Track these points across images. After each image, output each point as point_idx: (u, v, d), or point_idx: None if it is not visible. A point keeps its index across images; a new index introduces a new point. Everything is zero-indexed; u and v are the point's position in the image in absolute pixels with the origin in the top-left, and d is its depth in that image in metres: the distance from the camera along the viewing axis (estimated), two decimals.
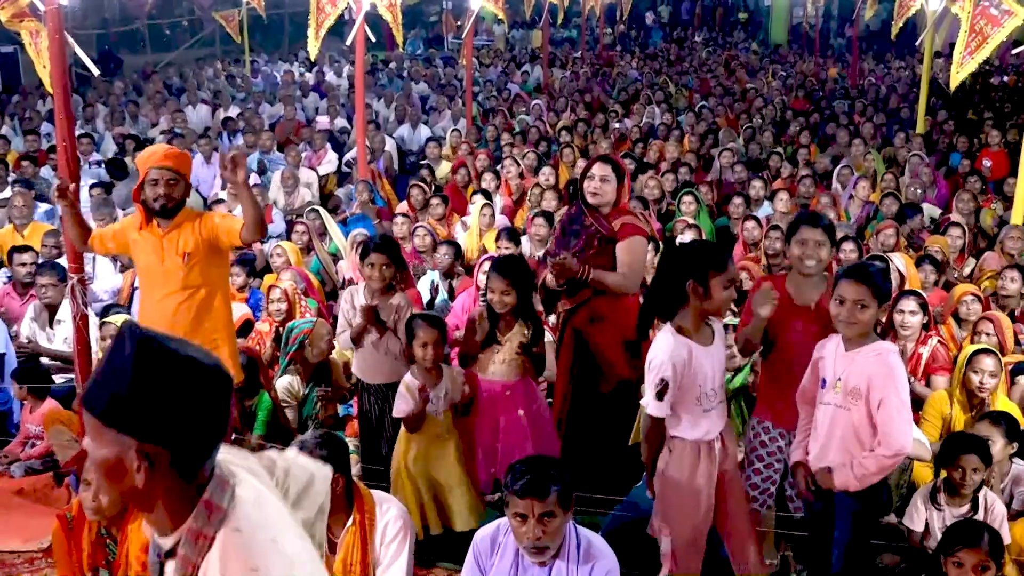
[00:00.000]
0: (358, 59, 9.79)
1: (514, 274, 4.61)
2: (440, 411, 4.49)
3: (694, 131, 13.28)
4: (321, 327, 5.77)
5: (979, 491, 4.30)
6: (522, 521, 3.20)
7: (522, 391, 4.70)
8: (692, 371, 3.64)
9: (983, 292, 6.71)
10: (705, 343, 3.68)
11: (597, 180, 4.77)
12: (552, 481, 3.19)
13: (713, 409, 3.74)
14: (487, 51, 23.57)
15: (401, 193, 10.74)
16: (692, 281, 3.59)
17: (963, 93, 16.59)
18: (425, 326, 4.48)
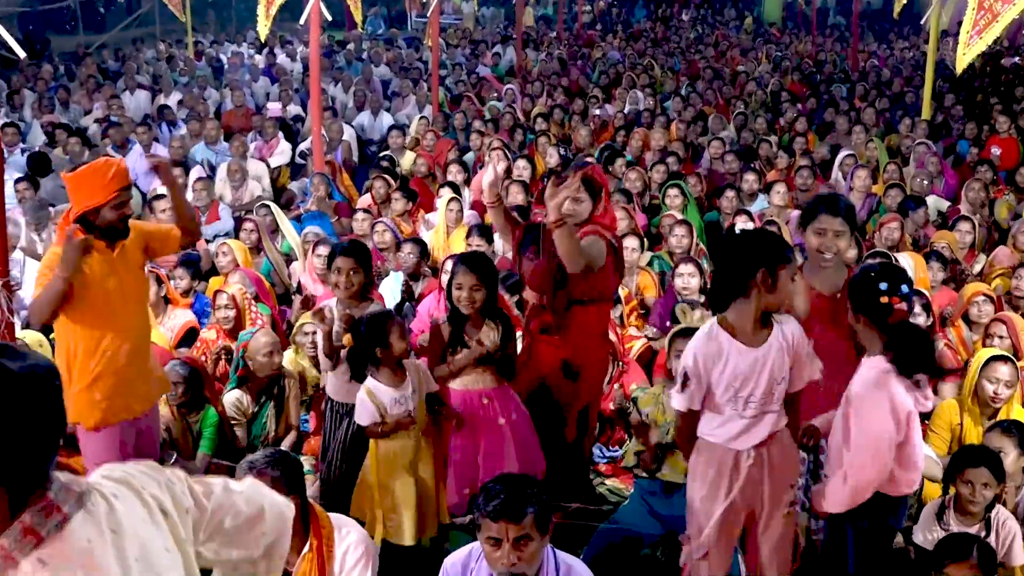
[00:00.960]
0: (313, 40, 9.75)
1: (483, 269, 4.60)
2: (413, 410, 4.47)
3: (681, 118, 13.33)
4: (261, 337, 5.72)
5: (991, 509, 4.32)
6: (496, 546, 3.19)
7: (502, 398, 4.69)
8: (725, 370, 3.61)
9: (995, 291, 6.77)
10: (753, 343, 3.62)
11: (570, 201, 4.76)
12: (528, 502, 3.17)
13: (752, 418, 3.67)
14: (455, 31, 23.56)
15: (361, 186, 10.71)
16: (763, 270, 3.56)
17: (971, 76, 16.77)
18: (394, 320, 4.49)
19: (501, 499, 3.17)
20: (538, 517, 3.19)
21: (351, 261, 4.86)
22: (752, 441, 3.70)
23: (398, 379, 4.48)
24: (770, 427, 3.70)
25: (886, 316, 3.59)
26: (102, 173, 4.38)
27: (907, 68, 18.52)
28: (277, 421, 5.74)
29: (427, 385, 4.59)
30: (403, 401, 4.46)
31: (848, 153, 10.66)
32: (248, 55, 19.32)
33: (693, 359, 3.65)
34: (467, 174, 10.09)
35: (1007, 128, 11.94)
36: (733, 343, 3.61)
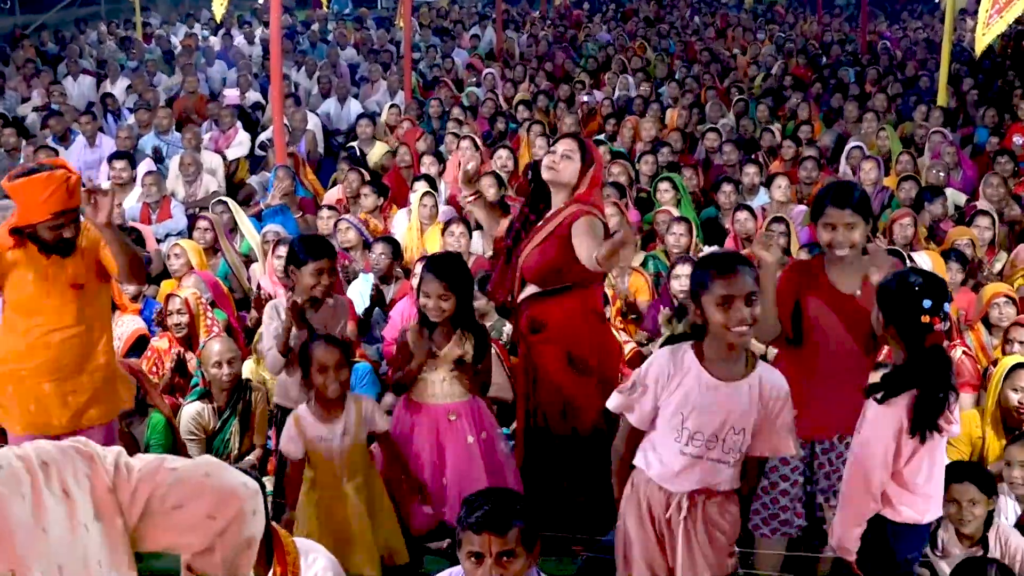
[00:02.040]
0: (273, 20, 9.72)
1: (451, 275, 4.60)
2: (337, 454, 4.46)
3: (677, 105, 13.36)
4: (214, 345, 5.71)
5: (989, 527, 4.34)
6: (477, 562, 3.19)
7: (470, 414, 4.68)
8: (676, 391, 3.57)
9: (1017, 292, 6.81)
10: (720, 376, 3.55)
11: (558, 155, 4.80)
12: (513, 515, 3.19)
13: (692, 457, 3.59)
14: (429, 10, 23.57)
15: (326, 180, 10.70)
16: (690, 301, 3.58)
17: (991, 59, 16.88)
18: (323, 347, 4.45)
19: (485, 510, 3.18)
20: (524, 533, 3.20)
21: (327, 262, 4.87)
22: (686, 485, 3.63)
23: (330, 414, 4.48)
24: (711, 478, 3.62)
25: (922, 336, 3.53)
26: (41, 190, 4.32)
27: (921, 50, 18.61)
28: (241, 438, 5.74)
29: (370, 424, 4.56)
30: (329, 440, 4.44)
31: (856, 144, 10.69)
32: (202, 37, 19.28)
33: (647, 368, 3.62)
34: (442, 166, 10.09)
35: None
36: (699, 369, 3.55)
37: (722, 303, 3.42)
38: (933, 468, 3.68)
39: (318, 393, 4.46)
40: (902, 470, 3.62)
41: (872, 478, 3.60)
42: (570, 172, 4.80)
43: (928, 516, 3.76)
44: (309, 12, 22.39)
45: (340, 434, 4.47)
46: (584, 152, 4.83)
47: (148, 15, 21.49)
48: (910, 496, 3.66)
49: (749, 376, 3.57)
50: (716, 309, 3.43)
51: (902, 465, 3.60)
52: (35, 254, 4.50)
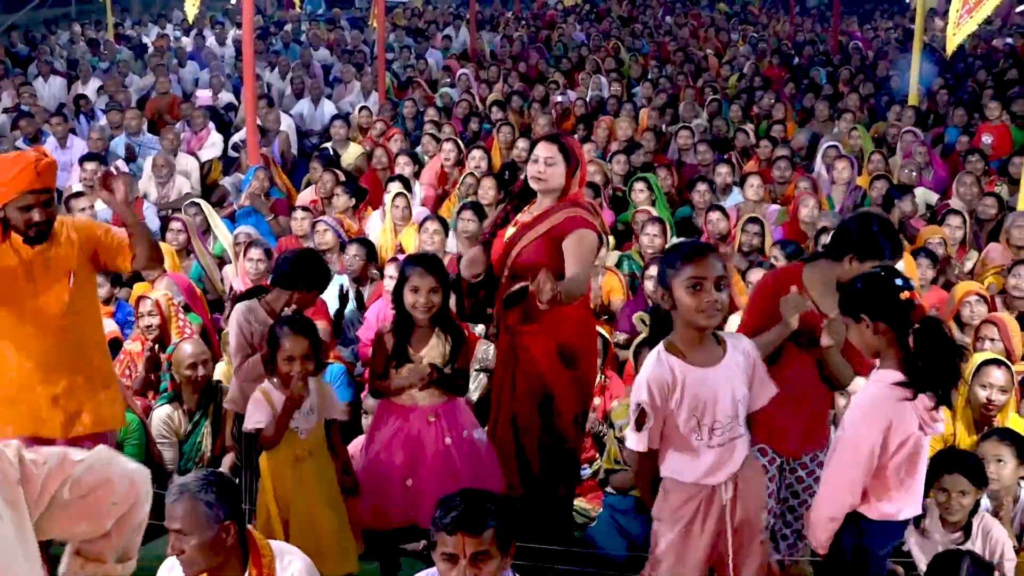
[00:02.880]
0: (246, 20, 9.70)
1: (439, 271, 4.60)
2: (304, 430, 4.46)
3: (651, 105, 13.40)
4: (185, 347, 5.68)
5: (974, 516, 4.40)
6: (451, 564, 3.19)
7: (450, 416, 4.68)
8: (682, 397, 3.55)
9: (988, 290, 6.87)
10: (705, 363, 3.58)
11: (542, 163, 4.77)
12: (488, 516, 3.18)
13: (720, 446, 3.61)
14: (403, 10, 23.54)
15: (299, 181, 10.67)
16: (659, 287, 3.58)
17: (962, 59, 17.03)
18: (292, 335, 4.45)
19: (460, 511, 3.18)
20: (499, 534, 3.19)
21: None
22: (727, 472, 3.65)
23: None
24: (743, 452, 3.68)
25: (909, 315, 3.56)
26: (8, 169, 4.29)
27: (892, 50, 18.74)
28: (213, 440, 5.71)
29: (329, 409, 4.58)
30: (295, 417, 4.45)
31: (831, 144, 10.76)
32: (174, 38, 19.19)
33: (648, 392, 3.57)
34: (417, 166, 10.08)
35: (998, 115, 12.10)
36: (685, 366, 3.56)
37: (691, 287, 3.45)
38: (915, 467, 3.70)
39: (272, 371, 4.44)
40: (887, 465, 3.63)
41: (856, 473, 3.62)
42: (557, 177, 4.79)
43: (904, 514, 3.78)
44: (282, 12, 22.32)
45: (306, 412, 4.47)
46: (567, 154, 4.82)
47: (120, 16, 21.37)
48: (890, 493, 3.68)
49: (727, 354, 3.61)
50: (686, 292, 3.46)
51: (887, 461, 3.61)
52: (19, 245, 4.41)
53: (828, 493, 3.71)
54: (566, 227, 4.71)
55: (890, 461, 3.62)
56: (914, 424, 3.57)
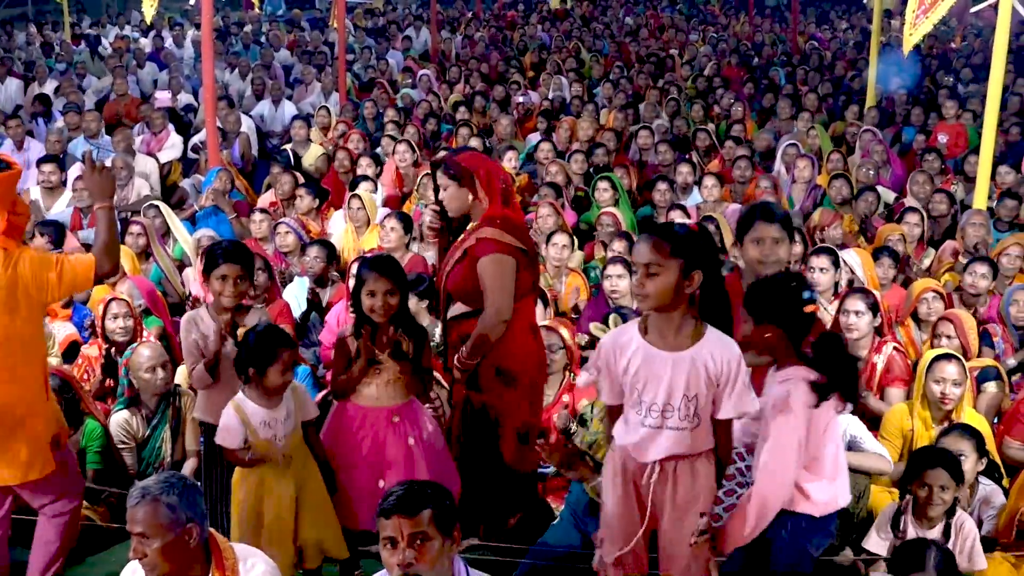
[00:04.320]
0: (205, 21, 9.64)
1: (395, 272, 4.60)
2: (282, 438, 4.45)
3: (612, 105, 13.45)
4: (143, 351, 5.64)
5: (952, 514, 4.46)
6: (393, 548, 3.24)
7: (411, 415, 4.68)
8: (628, 367, 3.64)
9: (944, 287, 6.96)
10: (665, 347, 3.61)
11: (441, 192, 4.87)
12: (424, 499, 3.26)
13: (652, 428, 3.66)
14: (363, 11, 23.48)
15: (261, 183, 10.63)
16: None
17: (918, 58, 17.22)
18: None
19: (397, 496, 3.26)
20: (437, 517, 3.26)
21: (237, 267, 4.81)
22: (653, 455, 3.69)
23: (272, 400, 4.44)
24: (674, 444, 3.68)
25: (808, 328, 3.68)
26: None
27: (850, 50, 18.92)
28: (173, 445, 5.67)
29: (304, 411, 4.56)
30: (273, 425, 4.41)
31: (791, 143, 10.86)
32: (133, 39, 19.05)
33: (597, 353, 3.79)
34: (379, 168, 10.06)
35: (954, 113, 12.27)
36: (641, 342, 3.64)
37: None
38: (839, 452, 3.82)
39: (255, 383, 4.43)
40: (821, 455, 3.71)
41: (788, 467, 3.67)
42: (457, 201, 4.81)
43: (843, 500, 3.87)
44: (242, 13, 22.20)
45: (283, 419, 4.44)
46: (453, 174, 4.82)
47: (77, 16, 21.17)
48: (821, 482, 3.75)
49: (695, 347, 3.60)
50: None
51: (820, 449, 3.69)
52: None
53: (764, 491, 3.70)
54: (479, 250, 4.74)
55: (824, 449, 3.71)
56: (830, 410, 3.70)
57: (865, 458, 5.03)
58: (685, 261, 3.50)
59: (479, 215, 4.82)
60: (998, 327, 6.62)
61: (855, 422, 5.21)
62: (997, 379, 6.05)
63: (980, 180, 7.83)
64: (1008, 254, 7.36)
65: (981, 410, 5.76)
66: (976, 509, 4.92)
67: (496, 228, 4.77)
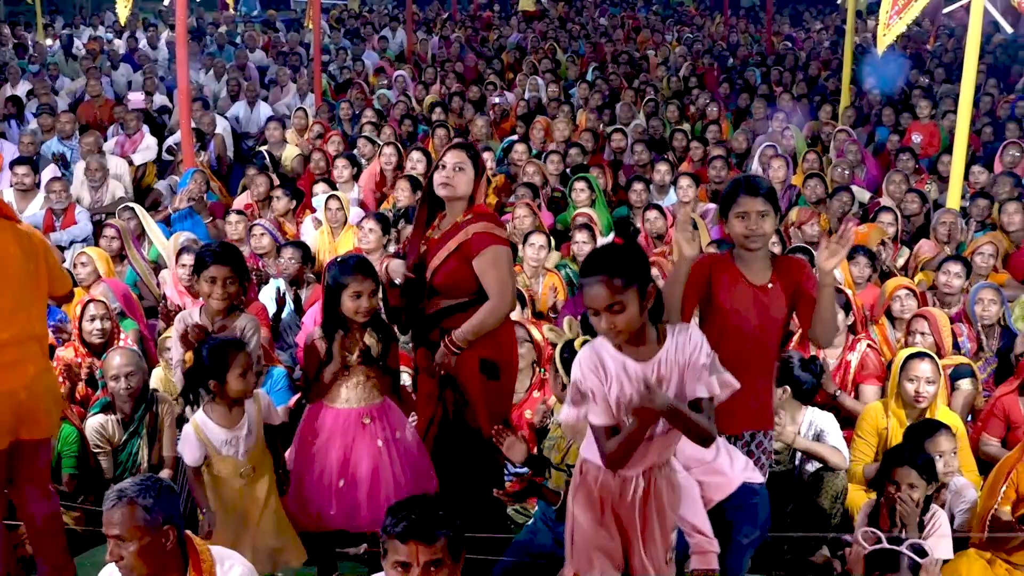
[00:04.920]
0: (179, 22, 9.60)
1: (375, 273, 4.59)
2: (243, 453, 4.43)
3: (587, 106, 13.49)
4: (114, 357, 5.59)
5: (926, 514, 4.49)
6: (404, 572, 3.21)
7: (383, 416, 4.66)
8: (611, 387, 3.56)
9: (918, 286, 7.01)
10: (637, 356, 3.56)
11: (449, 168, 4.76)
12: (440, 524, 3.22)
13: (648, 440, 3.59)
14: (339, 12, 23.44)
15: (236, 184, 10.60)
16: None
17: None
18: (240, 353, 4.40)
19: (412, 519, 3.20)
20: (451, 542, 3.23)
21: (227, 269, 4.81)
22: (640, 465, 3.66)
23: (233, 417, 4.42)
24: (657, 451, 3.66)
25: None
26: None
27: (824, 51, 19.02)
28: (150, 451, 5.63)
29: (268, 418, 4.53)
30: (234, 443, 4.40)
31: (768, 143, 10.92)
32: (107, 40, 18.95)
33: (582, 378, 3.59)
34: (356, 169, 10.05)
35: (927, 113, 12.36)
36: (619, 357, 3.55)
37: (592, 312, 3.46)
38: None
39: (219, 397, 4.41)
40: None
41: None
42: (464, 184, 4.79)
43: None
44: (216, 14, 22.11)
45: (245, 435, 4.42)
46: (476, 161, 4.83)
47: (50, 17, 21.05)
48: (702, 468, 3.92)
49: (664, 348, 3.57)
50: (591, 314, 3.48)
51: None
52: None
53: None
54: (475, 245, 4.72)
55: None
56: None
57: (821, 448, 5.15)
58: (639, 284, 3.42)
59: (467, 208, 4.82)
60: (964, 327, 6.67)
61: (824, 417, 5.28)
62: (970, 377, 6.11)
63: (953, 180, 7.90)
64: (981, 252, 7.43)
65: (955, 408, 5.82)
66: (948, 502, 4.96)
67: (489, 222, 4.80)
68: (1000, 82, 15.76)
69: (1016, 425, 5.60)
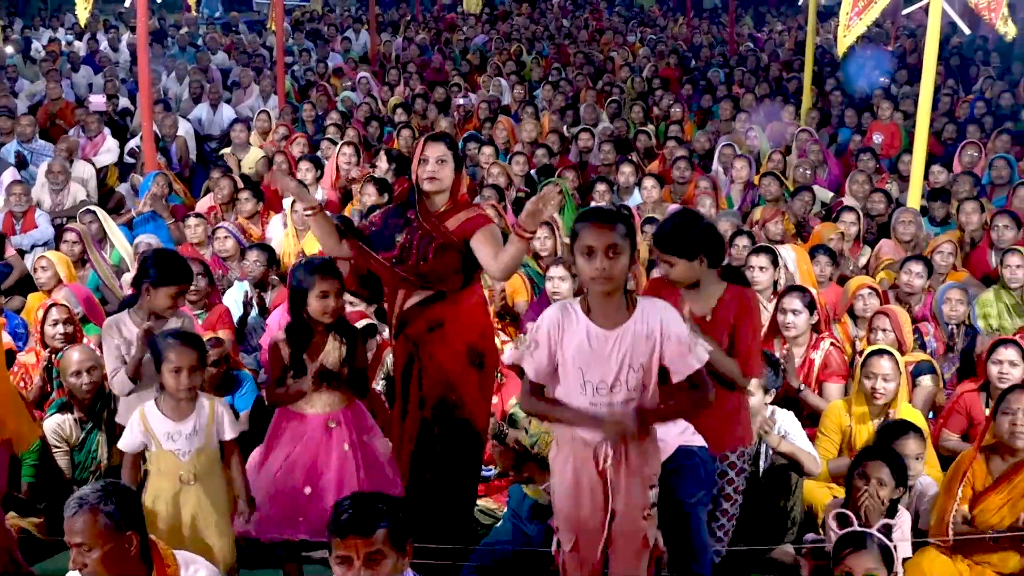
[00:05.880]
0: (140, 24, 9.53)
1: (338, 272, 4.57)
2: (186, 452, 4.38)
3: (551, 107, 13.51)
4: (72, 354, 5.56)
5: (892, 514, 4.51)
6: (346, 566, 3.21)
7: (350, 421, 4.64)
8: (571, 346, 3.63)
9: (880, 284, 7.08)
10: (606, 324, 3.63)
11: (433, 163, 4.76)
12: (379, 517, 3.22)
13: (607, 406, 3.63)
14: (301, 13, 23.35)
15: (200, 187, 10.54)
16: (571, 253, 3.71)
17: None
18: (179, 347, 4.35)
19: (349, 513, 3.22)
20: (392, 534, 3.23)
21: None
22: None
23: (182, 411, 4.38)
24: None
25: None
26: None
27: (785, 52, 19.14)
28: (109, 449, 5.59)
29: (221, 431, 4.44)
30: (177, 438, 4.34)
31: (727, 143, 10.98)
32: (67, 42, 18.78)
33: (539, 324, 3.70)
34: (319, 171, 10.00)
35: (889, 114, 12.47)
36: (584, 320, 3.63)
37: (585, 253, 3.55)
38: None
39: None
40: None
41: None
42: (449, 176, 4.80)
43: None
44: (178, 16, 21.97)
45: (188, 433, 4.36)
46: (455, 152, 4.85)
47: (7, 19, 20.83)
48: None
49: (632, 318, 3.63)
50: (581, 258, 3.58)
51: None
52: None
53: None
54: (467, 229, 4.74)
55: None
56: None
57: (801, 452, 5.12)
58: (631, 242, 3.57)
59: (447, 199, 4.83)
60: (930, 325, 6.74)
61: (789, 418, 5.28)
62: (931, 373, 6.17)
63: (914, 179, 7.97)
64: (941, 251, 7.52)
65: (917, 404, 5.88)
66: (914, 503, 5.00)
67: (476, 207, 4.88)
68: (959, 82, 15.95)
69: (977, 422, 5.67)
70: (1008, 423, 4.69)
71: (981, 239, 8.18)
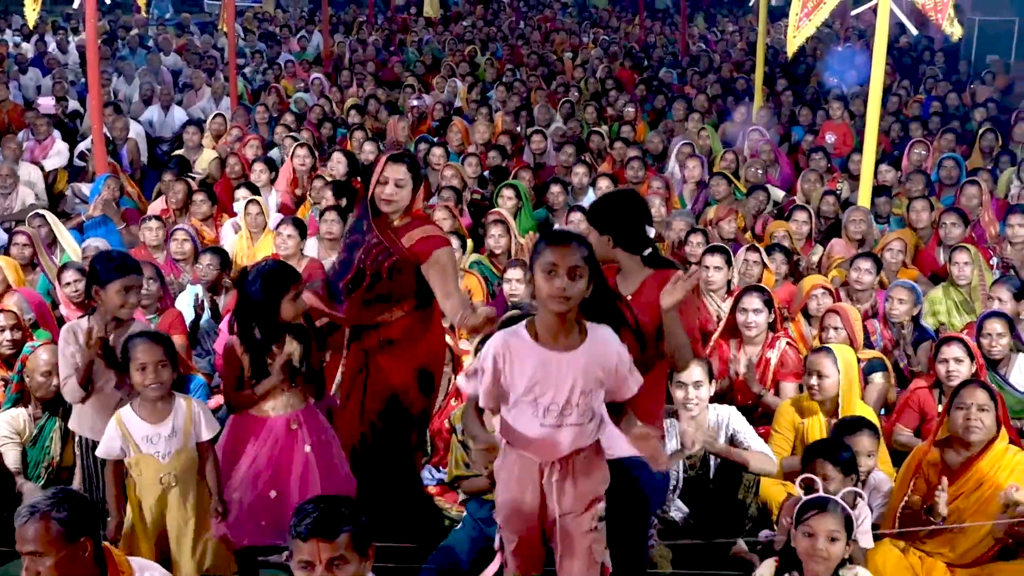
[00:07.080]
0: (89, 24, 9.44)
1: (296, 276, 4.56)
2: (165, 453, 4.37)
3: (505, 108, 13.52)
4: (41, 354, 5.50)
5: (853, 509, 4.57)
6: (308, 570, 3.20)
7: (309, 421, 4.62)
8: (522, 371, 3.64)
9: (832, 283, 7.16)
10: (557, 347, 3.64)
11: (392, 185, 4.77)
12: (343, 520, 3.21)
13: (556, 427, 3.67)
14: (253, 14, 23.21)
15: (151, 190, 10.45)
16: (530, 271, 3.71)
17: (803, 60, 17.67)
18: (143, 343, 4.34)
19: (313, 517, 3.20)
20: (355, 538, 3.22)
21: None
22: (556, 453, 3.73)
23: (158, 413, 4.38)
24: (574, 440, 3.72)
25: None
26: None
27: (737, 52, 19.29)
28: (63, 445, 5.54)
29: (198, 431, 4.44)
30: (155, 440, 4.35)
31: (684, 142, 11.05)
32: (14, 43, 18.55)
33: (485, 353, 3.72)
34: (273, 173, 9.94)
35: (840, 114, 12.62)
36: (533, 346, 3.65)
37: (546, 272, 3.55)
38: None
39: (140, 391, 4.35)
40: None
41: None
42: (405, 199, 4.81)
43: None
44: (128, 17, 21.75)
45: (167, 435, 4.35)
46: (415, 173, 4.84)
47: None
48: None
49: (585, 344, 3.67)
50: (542, 277, 3.56)
51: None
52: None
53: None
54: (420, 250, 4.75)
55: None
56: None
57: (751, 456, 5.10)
58: (591, 268, 3.59)
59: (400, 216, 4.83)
60: (877, 324, 6.81)
61: (735, 416, 5.28)
62: (883, 371, 6.24)
63: (864, 178, 8.06)
64: (891, 249, 7.62)
65: (868, 401, 5.93)
66: (867, 497, 5.05)
67: (431, 225, 4.87)
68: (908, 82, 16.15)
69: (929, 418, 5.74)
70: (962, 417, 4.78)
71: (930, 237, 8.30)
